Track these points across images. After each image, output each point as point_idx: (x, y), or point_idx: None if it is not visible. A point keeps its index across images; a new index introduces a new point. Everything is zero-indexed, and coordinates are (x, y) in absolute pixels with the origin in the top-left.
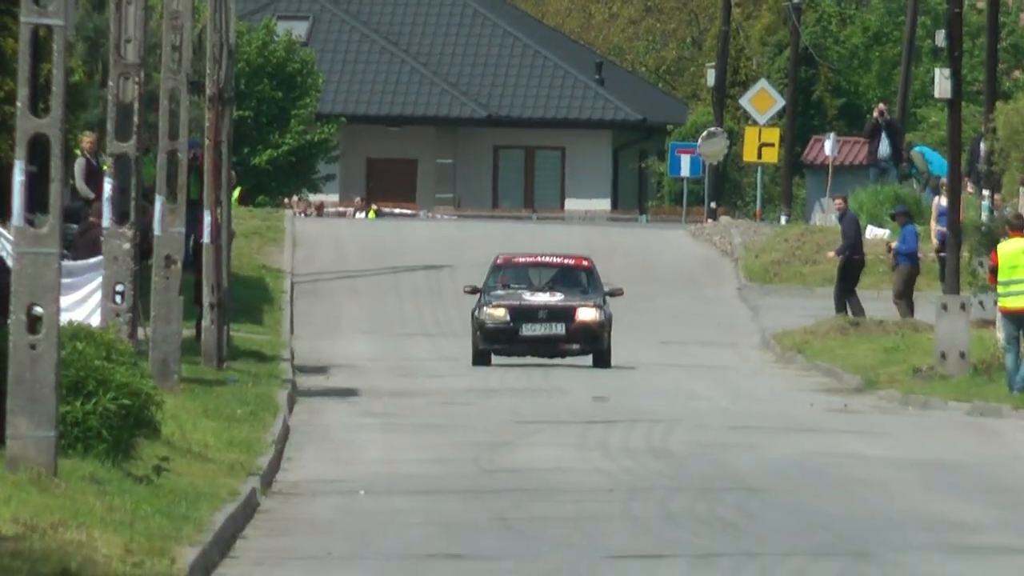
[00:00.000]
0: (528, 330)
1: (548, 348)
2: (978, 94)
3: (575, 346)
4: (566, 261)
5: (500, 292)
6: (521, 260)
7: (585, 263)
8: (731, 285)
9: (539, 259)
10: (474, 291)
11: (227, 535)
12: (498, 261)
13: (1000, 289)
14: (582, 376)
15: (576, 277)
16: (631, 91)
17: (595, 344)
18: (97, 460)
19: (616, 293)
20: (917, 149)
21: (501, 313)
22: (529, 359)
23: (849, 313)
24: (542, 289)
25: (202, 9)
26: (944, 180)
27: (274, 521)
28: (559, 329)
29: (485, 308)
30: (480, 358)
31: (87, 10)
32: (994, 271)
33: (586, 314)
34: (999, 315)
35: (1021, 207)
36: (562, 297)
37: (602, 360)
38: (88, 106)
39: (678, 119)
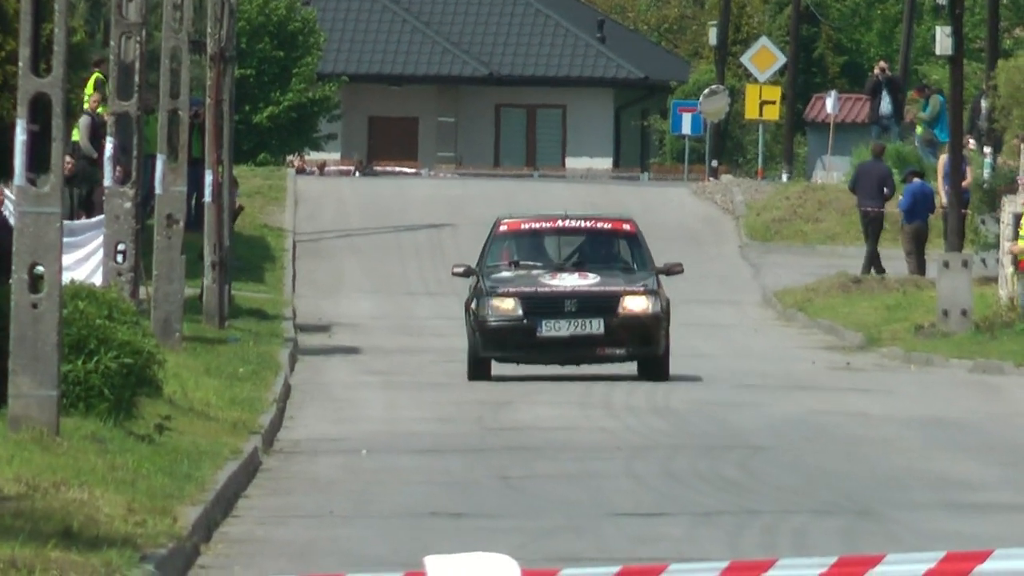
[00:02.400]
0: (550, 328)
1: (579, 353)
2: (979, 51)
3: (619, 350)
4: (599, 224)
5: (506, 274)
6: (534, 225)
7: (627, 226)
8: (732, 243)
9: (559, 223)
10: (467, 272)
11: (229, 494)
12: (500, 228)
13: None
14: None
15: (615, 248)
16: (633, 49)
17: (647, 346)
18: (99, 419)
19: (674, 270)
20: (940, 98)
21: (510, 305)
22: (550, 368)
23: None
24: (566, 268)
25: None
26: (941, 138)
27: (276, 480)
28: (595, 326)
29: (486, 299)
30: (478, 370)
31: None
32: None
33: (635, 303)
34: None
35: (1021, 165)
36: (597, 279)
37: (656, 368)
38: (90, 66)
39: (680, 77)
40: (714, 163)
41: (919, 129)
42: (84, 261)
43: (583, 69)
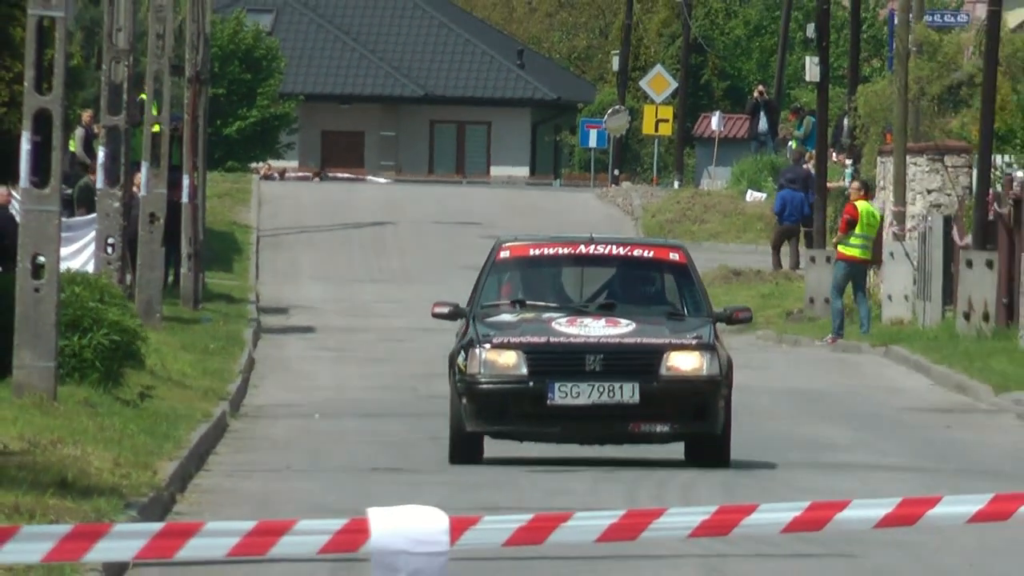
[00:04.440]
0: (565, 394)
1: (605, 429)
2: (842, 78)
3: (660, 426)
4: (637, 252)
5: (507, 317)
6: (547, 251)
7: (675, 255)
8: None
9: (583, 249)
10: (453, 314)
11: (201, 451)
12: (501, 254)
13: (853, 240)
14: None
15: (658, 284)
16: (547, 74)
17: (699, 421)
18: (91, 387)
19: (740, 317)
20: (812, 119)
21: (511, 360)
22: (566, 448)
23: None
24: (590, 311)
25: (182, 2)
26: (810, 151)
27: (241, 439)
28: (628, 393)
29: (478, 351)
30: (465, 449)
31: (84, 3)
32: (851, 224)
33: (683, 361)
34: (840, 262)
35: (878, 175)
36: (632, 326)
37: (713, 449)
38: (85, 86)
39: (587, 98)
40: (616, 172)
41: (793, 144)
42: (79, 252)
43: (505, 91)
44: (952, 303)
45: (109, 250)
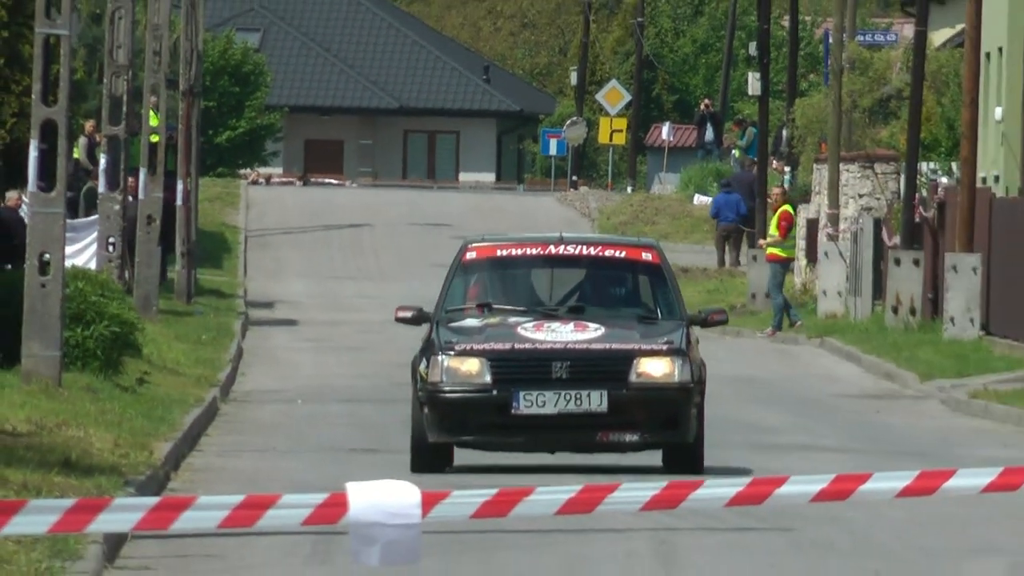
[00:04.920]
0: (531, 403)
1: (573, 438)
2: (781, 92)
3: (630, 435)
4: (608, 252)
5: (471, 322)
6: (515, 251)
7: (648, 255)
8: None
9: (552, 249)
10: (417, 318)
11: (194, 433)
12: (467, 255)
13: (788, 242)
14: None
15: (630, 285)
16: (511, 88)
17: (670, 430)
18: (93, 374)
19: (715, 319)
20: (754, 130)
21: (473, 368)
22: (530, 456)
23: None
24: (558, 314)
25: (177, 22)
26: (753, 158)
27: (231, 422)
28: (596, 401)
29: (440, 358)
30: (427, 458)
31: (87, 23)
32: (789, 228)
33: (654, 367)
34: (775, 264)
35: (814, 181)
36: (601, 331)
37: (685, 458)
38: (88, 98)
39: (548, 110)
40: (574, 178)
41: (736, 153)
42: (82, 251)
43: (472, 103)
44: (881, 298)
45: (110, 249)
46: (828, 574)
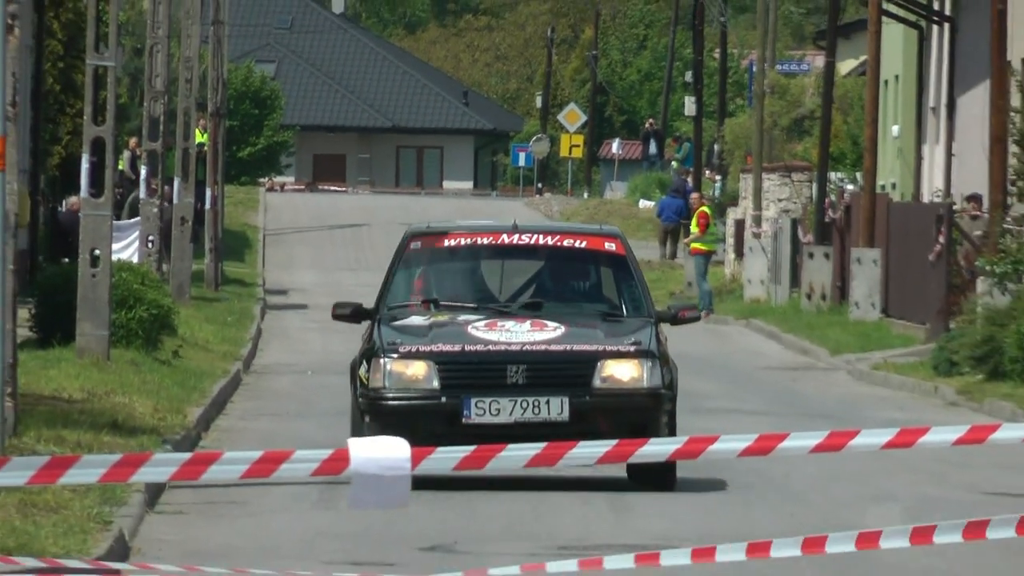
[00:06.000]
0: (483, 411)
1: None
2: (713, 113)
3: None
4: (568, 241)
5: (416, 320)
6: (464, 241)
7: (611, 244)
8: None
9: (506, 239)
10: (355, 315)
11: (221, 399)
12: (412, 245)
13: (708, 237)
14: None
15: (592, 279)
16: (486, 110)
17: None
18: (135, 350)
19: (686, 316)
20: (689, 144)
21: (419, 372)
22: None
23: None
24: (513, 311)
25: (205, 55)
26: (689, 169)
27: (251, 390)
28: (556, 409)
29: (382, 360)
30: None
31: (130, 55)
32: (707, 226)
33: (620, 370)
34: (699, 256)
35: (740, 188)
36: (561, 330)
37: (657, 471)
38: (131, 119)
39: (517, 128)
40: (539, 185)
41: (675, 165)
42: (127, 247)
43: (454, 123)
44: (797, 286)
45: (149, 245)
46: (753, 517)
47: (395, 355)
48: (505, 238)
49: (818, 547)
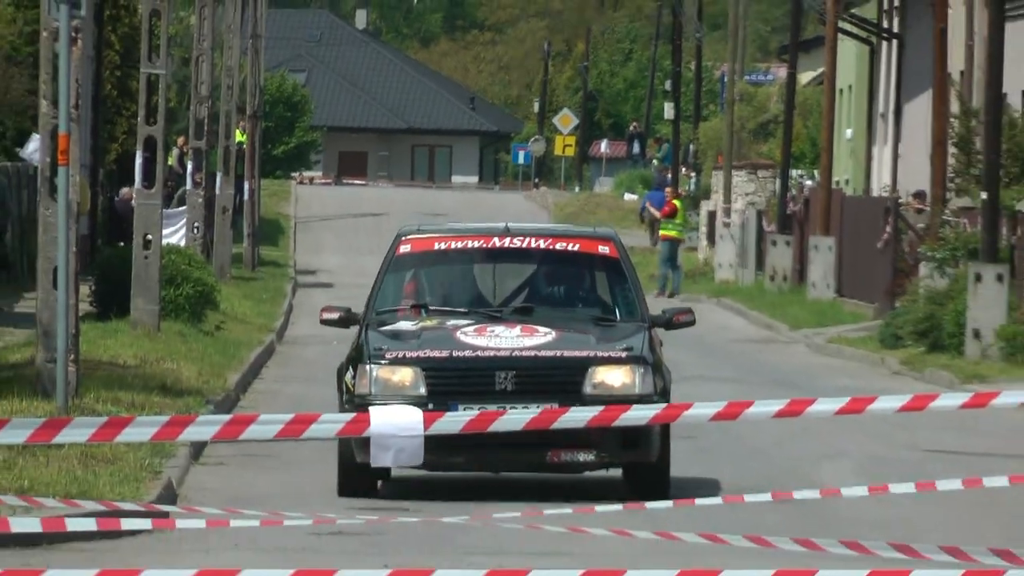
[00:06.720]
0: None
1: (520, 458)
2: (689, 117)
3: (583, 454)
4: (560, 245)
5: (405, 325)
6: (455, 244)
7: (605, 247)
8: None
9: (497, 242)
10: (345, 320)
11: (257, 366)
12: (402, 248)
13: (673, 226)
14: None
15: (584, 282)
16: (490, 113)
17: (631, 449)
18: (182, 323)
19: (681, 320)
20: (668, 145)
21: (406, 378)
22: (473, 475)
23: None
24: (504, 316)
25: (244, 64)
26: (667, 166)
27: (284, 358)
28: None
29: (369, 367)
30: (355, 481)
31: (179, 64)
32: (672, 214)
33: (612, 377)
34: (665, 241)
35: (713, 183)
36: (551, 335)
37: (649, 479)
38: (179, 120)
39: (517, 130)
40: (536, 180)
41: (656, 162)
42: (175, 232)
43: (461, 124)
44: (762, 269)
45: (195, 231)
46: (722, 471)
47: (382, 361)
48: (497, 241)
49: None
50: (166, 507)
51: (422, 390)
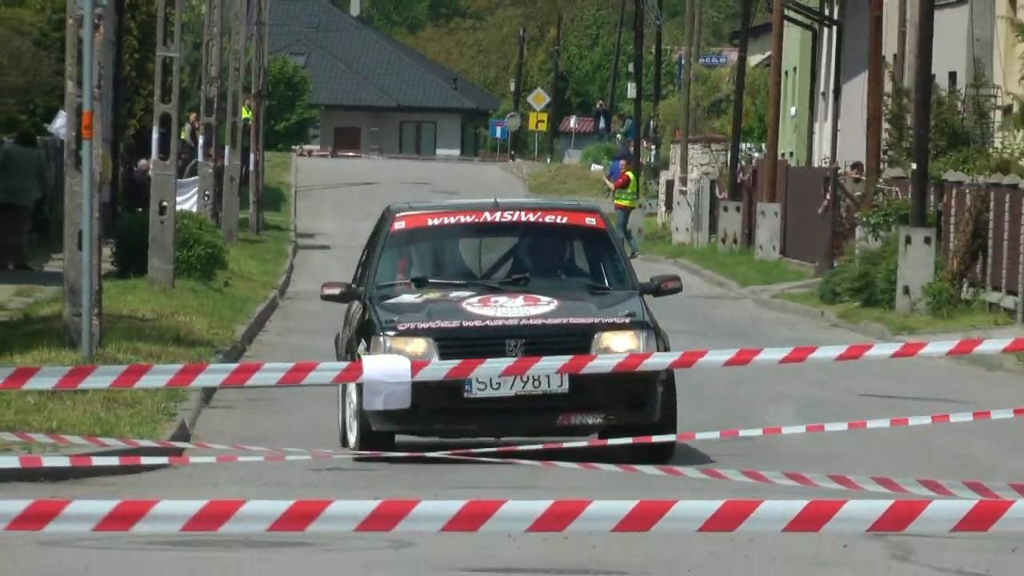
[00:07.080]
0: (484, 385)
1: (530, 422)
2: (650, 96)
3: (592, 417)
4: (548, 218)
5: (409, 298)
6: (447, 220)
7: (591, 219)
8: (520, 192)
9: (487, 216)
10: (345, 296)
11: (262, 319)
12: (395, 225)
13: (626, 196)
14: None
15: (573, 253)
16: (471, 92)
17: (637, 410)
18: (194, 281)
19: (669, 287)
20: (631, 121)
21: (420, 348)
22: (484, 440)
23: None
24: (503, 287)
25: (250, 48)
26: (630, 140)
27: (286, 312)
28: (557, 381)
29: (381, 339)
30: (371, 448)
31: (191, 48)
32: (625, 185)
33: (618, 342)
34: (619, 211)
35: (671, 156)
36: (553, 304)
37: (653, 444)
38: (191, 99)
39: (495, 107)
40: (512, 152)
41: (619, 136)
42: (188, 200)
43: (445, 102)
44: (715, 233)
45: (206, 198)
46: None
47: (393, 332)
48: (487, 216)
49: (734, 433)
50: (181, 444)
51: (435, 359)
